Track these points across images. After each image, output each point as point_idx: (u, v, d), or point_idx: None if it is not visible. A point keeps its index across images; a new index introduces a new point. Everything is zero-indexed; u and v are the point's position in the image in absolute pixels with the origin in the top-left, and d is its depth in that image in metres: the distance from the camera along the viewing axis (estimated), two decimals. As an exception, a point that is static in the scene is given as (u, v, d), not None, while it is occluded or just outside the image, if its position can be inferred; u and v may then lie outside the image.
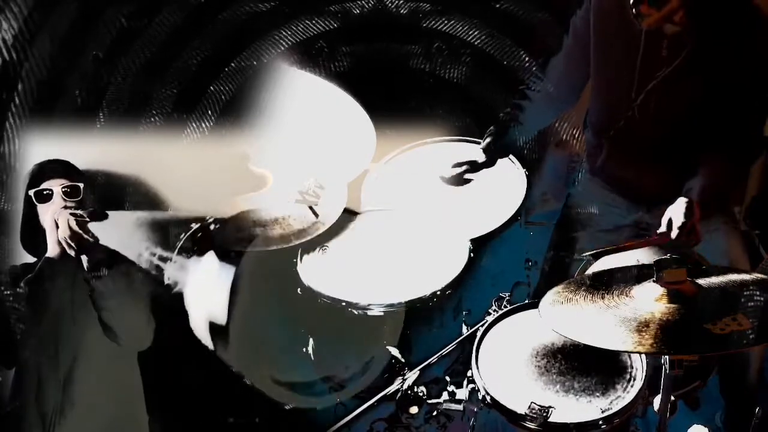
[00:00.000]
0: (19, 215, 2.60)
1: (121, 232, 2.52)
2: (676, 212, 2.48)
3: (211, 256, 2.65)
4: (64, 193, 2.53)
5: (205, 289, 2.66)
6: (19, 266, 2.59)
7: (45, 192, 2.54)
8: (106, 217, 2.47)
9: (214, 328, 2.66)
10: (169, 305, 2.72)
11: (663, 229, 2.48)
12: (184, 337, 2.89)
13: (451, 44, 3.36)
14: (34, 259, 2.56)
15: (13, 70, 2.68)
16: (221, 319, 2.66)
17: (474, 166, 2.88)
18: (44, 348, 2.52)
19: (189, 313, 2.62)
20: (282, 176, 2.92)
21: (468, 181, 2.89)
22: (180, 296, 3.05)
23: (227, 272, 2.69)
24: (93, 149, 2.75)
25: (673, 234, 2.45)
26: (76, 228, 2.44)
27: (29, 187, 2.56)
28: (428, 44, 3.38)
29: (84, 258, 2.48)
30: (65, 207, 2.50)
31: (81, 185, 2.56)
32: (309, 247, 2.82)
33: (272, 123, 2.95)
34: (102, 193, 2.67)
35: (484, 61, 3.28)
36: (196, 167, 2.84)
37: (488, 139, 2.92)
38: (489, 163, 2.90)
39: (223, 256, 2.69)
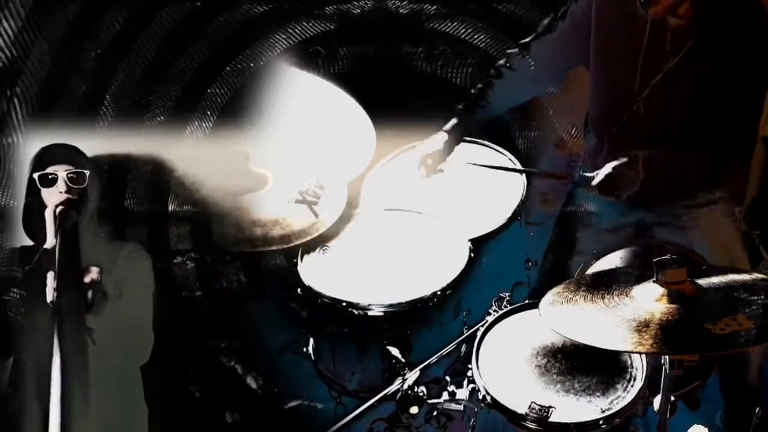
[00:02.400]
0: (20, 211, 2.58)
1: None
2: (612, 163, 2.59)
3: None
4: (69, 179, 2.49)
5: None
6: (18, 249, 2.56)
7: (50, 176, 2.50)
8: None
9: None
10: (172, 305, 2.72)
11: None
12: (185, 338, 2.90)
13: (454, 46, 3.36)
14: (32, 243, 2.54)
15: (15, 69, 2.68)
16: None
17: (442, 154, 2.85)
18: (41, 342, 2.50)
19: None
20: (282, 176, 2.92)
21: (440, 170, 2.88)
22: (182, 297, 3.06)
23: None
24: (93, 149, 2.75)
25: (596, 181, 2.60)
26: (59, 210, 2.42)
27: (34, 170, 2.52)
28: (430, 45, 3.39)
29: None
30: (68, 191, 2.47)
31: (87, 172, 2.52)
32: (309, 247, 2.82)
33: (272, 123, 2.95)
34: (106, 181, 2.67)
35: (486, 62, 3.28)
36: (197, 167, 2.84)
37: (453, 121, 2.91)
38: (454, 144, 2.88)
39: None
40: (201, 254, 3.06)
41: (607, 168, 2.60)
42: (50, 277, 2.34)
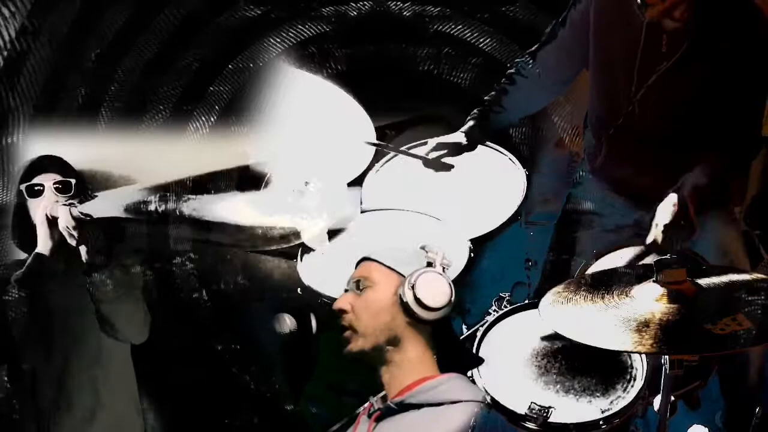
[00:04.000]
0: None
1: (114, 203, 2.53)
2: (662, 212, 2.47)
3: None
4: (56, 188, 2.54)
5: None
6: (11, 262, 2.59)
7: (36, 187, 2.54)
8: (95, 197, 2.49)
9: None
10: (166, 304, 2.72)
11: (651, 237, 2.48)
12: (180, 337, 2.89)
13: (456, 47, 3.36)
14: (26, 255, 2.57)
15: (15, 68, 2.69)
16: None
17: (456, 149, 2.87)
18: (37, 345, 2.52)
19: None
20: (282, 176, 2.92)
21: (449, 166, 2.88)
22: (179, 296, 3.06)
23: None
24: (94, 148, 2.76)
25: (658, 238, 2.45)
26: (77, 214, 2.45)
27: (21, 182, 2.56)
28: (432, 46, 3.39)
29: (83, 249, 2.48)
30: (57, 202, 2.50)
31: (72, 181, 2.57)
32: (309, 247, 2.81)
33: (272, 123, 2.95)
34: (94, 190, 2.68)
35: (489, 64, 3.29)
36: (197, 167, 2.84)
37: (470, 123, 2.91)
38: (470, 147, 2.89)
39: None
40: (201, 254, 3.07)
41: (661, 223, 2.46)
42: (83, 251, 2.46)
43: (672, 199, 2.48)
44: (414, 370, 2.21)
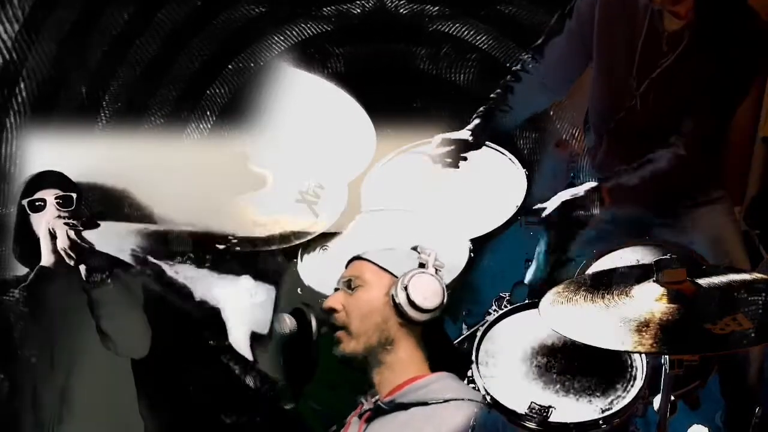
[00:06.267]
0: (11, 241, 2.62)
1: (114, 241, 2.52)
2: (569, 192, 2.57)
3: (246, 278, 2.66)
4: (57, 203, 2.55)
5: (246, 306, 2.68)
6: (11, 279, 2.59)
7: (38, 202, 2.55)
8: (97, 226, 2.48)
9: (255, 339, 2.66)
10: (165, 309, 2.72)
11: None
12: (181, 339, 2.89)
13: (455, 46, 3.36)
14: (26, 271, 2.57)
15: (14, 70, 2.69)
16: (263, 330, 2.66)
17: (462, 147, 2.87)
18: (39, 356, 2.52)
19: (228, 329, 2.62)
20: (282, 176, 2.92)
21: (459, 160, 2.87)
22: (177, 300, 3.06)
23: (266, 291, 2.70)
24: (93, 150, 2.75)
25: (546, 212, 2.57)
26: (74, 237, 2.44)
27: (22, 197, 2.57)
28: (432, 45, 3.39)
29: (82, 267, 2.48)
30: (59, 217, 2.51)
31: (74, 195, 2.58)
32: (309, 247, 2.82)
33: (272, 123, 2.95)
34: (95, 203, 2.68)
35: (488, 63, 3.29)
36: (196, 167, 2.84)
37: (476, 121, 2.91)
38: (475, 145, 2.88)
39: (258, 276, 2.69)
40: (199, 255, 3.06)
41: (558, 200, 2.59)
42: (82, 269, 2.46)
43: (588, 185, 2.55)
44: (405, 370, 2.21)
